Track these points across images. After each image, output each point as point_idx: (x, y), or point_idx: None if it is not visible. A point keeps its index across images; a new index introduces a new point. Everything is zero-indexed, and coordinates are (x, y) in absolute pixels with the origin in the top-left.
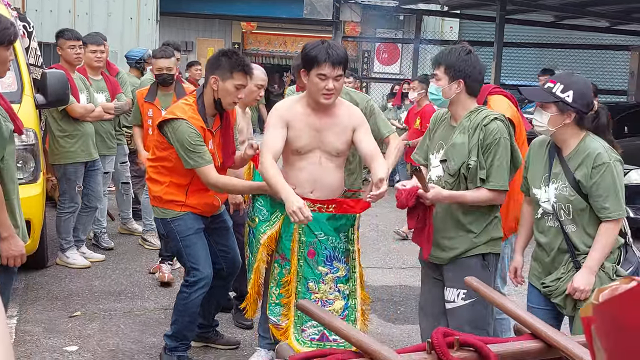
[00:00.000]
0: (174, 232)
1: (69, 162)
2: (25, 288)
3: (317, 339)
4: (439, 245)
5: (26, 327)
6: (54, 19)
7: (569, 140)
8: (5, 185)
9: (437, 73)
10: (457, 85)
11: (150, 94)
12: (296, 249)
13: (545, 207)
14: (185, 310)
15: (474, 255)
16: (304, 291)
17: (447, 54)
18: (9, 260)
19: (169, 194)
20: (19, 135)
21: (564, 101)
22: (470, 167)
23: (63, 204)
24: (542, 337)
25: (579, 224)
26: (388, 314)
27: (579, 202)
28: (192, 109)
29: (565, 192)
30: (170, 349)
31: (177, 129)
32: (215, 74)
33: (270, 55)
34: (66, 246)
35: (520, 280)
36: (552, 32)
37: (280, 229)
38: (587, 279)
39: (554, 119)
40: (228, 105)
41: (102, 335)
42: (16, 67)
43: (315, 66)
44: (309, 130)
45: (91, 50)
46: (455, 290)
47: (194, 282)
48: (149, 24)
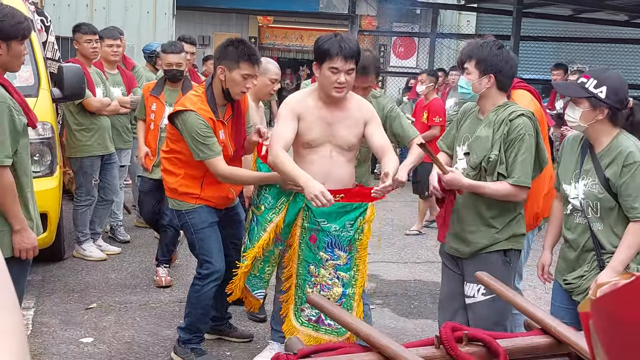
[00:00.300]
0: (188, 225)
1: (85, 156)
2: (42, 280)
3: (314, 320)
4: (460, 238)
5: (43, 319)
6: (71, 13)
7: (601, 138)
8: (18, 178)
9: (467, 67)
10: (488, 80)
11: (156, 87)
12: (298, 233)
13: (574, 203)
14: (198, 303)
15: (495, 251)
16: (304, 273)
17: (479, 47)
18: (22, 252)
19: (184, 186)
20: (32, 128)
21: (597, 97)
22: (490, 160)
23: (80, 197)
24: (552, 332)
25: (607, 223)
26: (402, 309)
27: (607, 200)
28: (201, 99)
29: (594, 190)
30: (184, 341)
31: (187, 121)
32: (222, 64)
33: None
34: (83, 239)
35: (547, 277)
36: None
37: (285, 215)
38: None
39: (586, 115)
40: (236, 95)
41: (118, 327)
42: (33, 61)
43: (328, 59)
44: (320, 123)
45: (107, 45)
46: (475, 285)
47: (207, 275)
48: (165, 18)
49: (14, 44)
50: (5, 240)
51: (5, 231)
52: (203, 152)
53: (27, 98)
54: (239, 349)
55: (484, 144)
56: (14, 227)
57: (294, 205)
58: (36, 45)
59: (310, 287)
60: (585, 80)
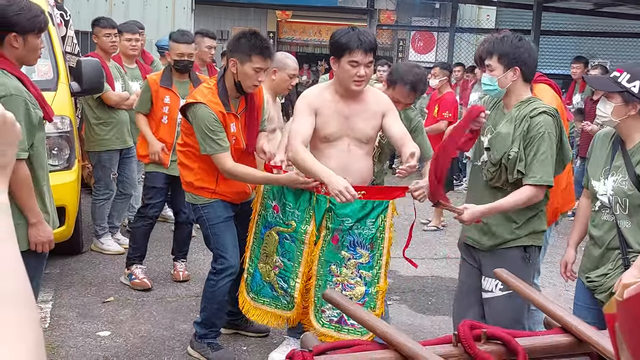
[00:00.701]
0: (204, 219)
1: (103, 150)
2: (60, 273)
3: (335, 321)
4: (481, 229)
5: (61, 312)
6: (91, 8)
7: (633, 134)
8: (34, 171)
9: (490, 63)
10: (513, 73)
11: (165, 79)
12: (322, 234)
13: (603, 200)
14: (213, 298)
15: (515, 247)
16: (325, 273)
17: (500, 42)
18: (37, 246)
19: (200, 180)
20: (49, 122)
21: (630, 91)
22: (510, 157)
23: (98, 191)
24: (572, 331)
25: (635, 221)
26: (419, 305)
27: (637, 197)
28: (212, 92)
29: (623, 186)
30: (200, 336)
31: (197, 113)
32: (234, 57)
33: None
34: (101, 232)
35: (571, 275)
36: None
37: (314, 220)
38: (638, 278)
39: (618, 110)
40: (248, 88)
41: (135, 321)
42: (52, 55)
43: (347, 53)
44: (337, 117)
45: (126, 39)
46: (493, 280)
47: (221, 270)
48: (184, 12)
49: (31, 37)
50: (21, 234)
51: (21, 224)
52: (210, 146)
53: (45, 92)
54: (255, 343)
55: (505, 140)
56: (30, 220)
57: (319, 209)
58: (55, 39)
59: (331, 287)
60: (618, 74)
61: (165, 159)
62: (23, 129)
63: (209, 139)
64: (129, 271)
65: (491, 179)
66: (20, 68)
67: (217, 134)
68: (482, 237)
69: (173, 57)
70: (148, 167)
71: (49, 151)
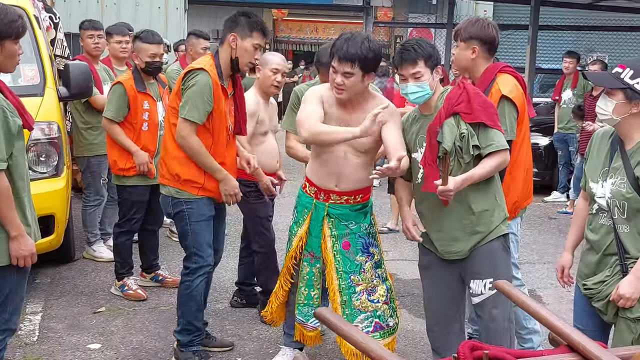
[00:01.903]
0: (185, 214)
1: (92, 155)
2: (51, 282)
3: (371, 331)
4: (456, 239)
5: (50, 324)
6: (82, 10)
7: (633, 133)
8: (14, 182)
9: (419, 70)
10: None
11: (139, 82)
12: (329, 245)
13: (601, 203)
14: (190, 300)
15: (495, 238)
16: (347, 286)
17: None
18: (19, 260)
19: (187, 172)
20: (29, 131)
21: (633, 88)
22: (463, 136)
23: (88, 197)
24: (579, 350)
25: (633, 226)
26: (419, 309)
27: (636, 201)
28: (210, 63)
29: (622, 189)
30: (183, 345)
31: (197, 78)
32: (234, 32)
33: (302, 42)
34: (92, 239)
35: (568, 280)
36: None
37: (308, 226)
38: (635, 286)
39: (619, 107)
40: (244, 65)
41: (126, 332)
42: (38, 59)
43: (332, 57)
44: (337, 123)
45: (116, 41)
46: (480, 281)
47: (195, 270)
48: (177, 13)
49: (8, 43)
50: (1, 248)
51: (1, 238)
52: (190, 111)
53: (32, 97)
54: (251, 354)
55: (451, 127)
56: (11, 233)
57: (317, 214)
58: (42, 43)
59: (357, 300)
60: (621, 70)
61: (153, 169)
62: (2, 138)
63: (194, 104)
64: (121, 282)
65: (450, 171)
66: None
67: (205, 104)
68: (460, 244)
69: (144, 58)
70: (131, 180)
71: (37, 157)
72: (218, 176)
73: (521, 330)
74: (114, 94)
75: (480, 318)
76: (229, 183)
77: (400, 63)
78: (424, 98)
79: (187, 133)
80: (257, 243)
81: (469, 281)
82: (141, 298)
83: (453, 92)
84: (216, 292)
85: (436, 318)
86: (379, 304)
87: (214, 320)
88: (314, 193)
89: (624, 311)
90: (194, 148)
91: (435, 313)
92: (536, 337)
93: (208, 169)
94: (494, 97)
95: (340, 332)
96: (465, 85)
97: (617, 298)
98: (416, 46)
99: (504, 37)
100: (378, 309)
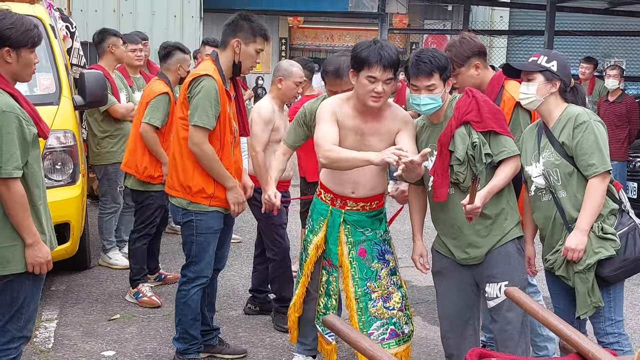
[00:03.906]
0: (193, 225)
1: (109, 163)
2: (67, 290)
3: (387, 338)
4: (471, 244)
5: (65, 331)
6: (98, 19)
7: (553, 111)
8: (30, 190)
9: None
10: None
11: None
12: (345, 251)
13: (538, 182)
14: (187, 308)
15: (509, 241)
16: (363, 293)
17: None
18: (35, 267)
19: (197, 183)
20: (44, 139)
21: (550, 70)
22: (475, 145)
23: (104, 205)
24: (588, 357)
25: (569, 190)
26: (434, 316)
27: (565, 165)
28: (213, 67)
29: (551, 158)
30: (181, 353)
31: (203, 84)
32: (237, 37)
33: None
34: (108, 247)
35: (534, 270)
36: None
37: (325, 234)
38: (579, 238)
39: (541, 89)
40: (247, 68)
41: (140, 339)
42: (54, 68)
43: (366, 67)
44: (354, 133)
45: (131, 49)
46: (495, 285)
47: (192, 279)
48: (192, 21)
49: (24, 52)
50: (17, 255)
51: (17, 245)
52: (200, 117)
53: (48, 106)
54: None
55: (463, 137)
56: (27, 241)
57: (333, 221)
58: (57, 52)
59: (372, 307)
60: (536, 58)
61: None
62: (17, 146)
63: (203, 109)
64: (136, 289)
65: (464, 179)
66: (14, 84)
67: (214, 108)
68: (475, 250)
69: (186, 68)
70: (157, 187)
71: (53, 165)
72: (228, 184)
73: (536, 337)
74: (162, 103)
75: (496, 322)
76: (237, 192)
77: (417, 74)
78: (434, 109)
79: (200, 140)
80: (271, 250)
81: (484, 285)
82: (155, 305)
83: (462, 100)
84: (230, 299)
85: (450, 324)
86: (394, 311)
87: (227, 327)
88: (330, 200)
89: (575, 266)
90: (209, 155)
91: (449, 319)
92: (551, 345)
93: (219, 177)
94: (508, 105)
95: (348, 339)
96: (474, 93)
97: (565, 252)
98: (432, 58)
99: (520, 43)
100: (394, 316)
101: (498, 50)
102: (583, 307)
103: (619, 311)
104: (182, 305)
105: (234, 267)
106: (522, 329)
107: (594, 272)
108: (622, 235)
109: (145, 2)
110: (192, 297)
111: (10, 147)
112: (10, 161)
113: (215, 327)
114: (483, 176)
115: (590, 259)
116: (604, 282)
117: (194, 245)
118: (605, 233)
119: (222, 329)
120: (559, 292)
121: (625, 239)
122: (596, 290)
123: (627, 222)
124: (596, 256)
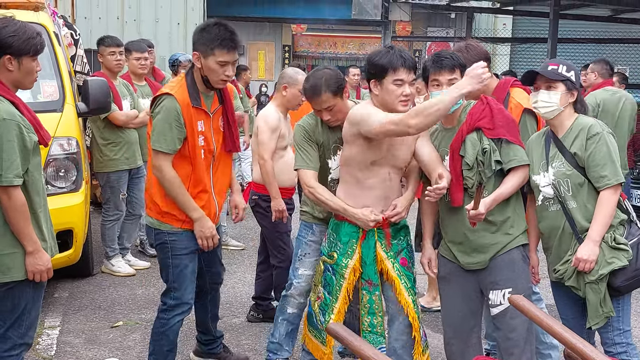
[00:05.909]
0: (167, 247)
1: (112, 170)
2: (69, 297)
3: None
4: (476, 250)
5: (67, 338)
6: (102, 26)
7: (565, 121)
8: (30, 198)
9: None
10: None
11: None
12: (389, 266)
13: (546, 191)
14: (164, 339)
15: (514, 248)
16: (412, 300)
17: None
18: (35, 275)
19: (168, 205)
20: (44, 146)
21: (571, 80)
22: (485, 151)
23: (107, 212)
24: None
25: (580, 200)
26: (437, 324)
27: (576, 176)
28: (180, 84)
29: (562, 169)
30: None
31: (162, 104)
32: (197, 50)
33: (321, 56)
34: (111, 254)
35: (537, 278)
36: (610, 27)
37: (360, 256)
38: (591, 249)
39: (563, 98)
40: (216, 83)
41: (143, 347)
42: (58, 75)
43: (390, 72)
44: (381, 143)
45: (135, 58)
46: (499, 291)
47: (173, 306)
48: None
49: (26, 60)
50: (18, 262)
51: (18, 253)
52: (158, 141)
53: (51, 113)
54: None
55: (474, 142)
56: (27, 248)
57: (367, 244)
58: (61, 59)
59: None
60: (556, 67)
61: None
62: (17, 154)
63: (160, 132)
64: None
65: (472, 185)
66: (16, 92)
67: (174, 131)
68: (480, 255)
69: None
70: None
71: (56, 173)
72: (193, 215)
73: (539, 345)
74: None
75: (499, 330)
76: (205, 225)
77: (440, 69)
78: (455, 107)
79: (160, 164)
80: (276, 258)
81: (488, 292)
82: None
83: (476, 107)
84: (233, 307)
85: (454, 330)
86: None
87: (230, 335)
88: None
89: (586, 276)
90: (169, 180)
91: (453, 325)
92: (555, 353)
93: (182, 206)
94: (515, 112)
95: (352, 347)
96: (489, 101)
97: (576, 262)
98: (454, 56)
99: (523, 51)
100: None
101: (501, 57)
102: (595, 318)
103: (627, 321)
104: (159, 335)
105: (237, 274)
106: (528, 336)
107: (606, 282)
108: (633, 246)
109: (149, 9)
110: (173, 327)
111: (10, 155)
112: (11, 169)
113: (219, 334)
114: (491, 183)
115: (603, 270)
116: (615, 292)
117: (170, 269)
118: (618, 243)
119: (225, 336)
120: (567, 303)
121: (636, 249)
122: (608, 300)
123: (636, 232)
124: (610, 266)
